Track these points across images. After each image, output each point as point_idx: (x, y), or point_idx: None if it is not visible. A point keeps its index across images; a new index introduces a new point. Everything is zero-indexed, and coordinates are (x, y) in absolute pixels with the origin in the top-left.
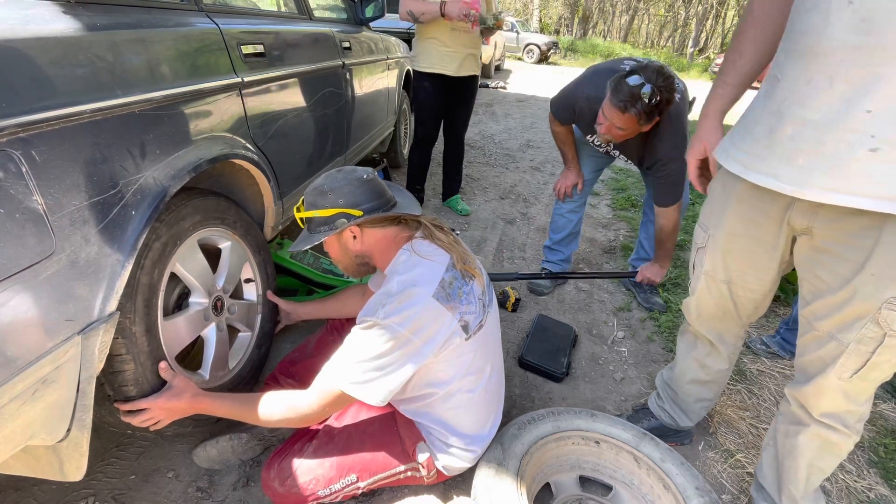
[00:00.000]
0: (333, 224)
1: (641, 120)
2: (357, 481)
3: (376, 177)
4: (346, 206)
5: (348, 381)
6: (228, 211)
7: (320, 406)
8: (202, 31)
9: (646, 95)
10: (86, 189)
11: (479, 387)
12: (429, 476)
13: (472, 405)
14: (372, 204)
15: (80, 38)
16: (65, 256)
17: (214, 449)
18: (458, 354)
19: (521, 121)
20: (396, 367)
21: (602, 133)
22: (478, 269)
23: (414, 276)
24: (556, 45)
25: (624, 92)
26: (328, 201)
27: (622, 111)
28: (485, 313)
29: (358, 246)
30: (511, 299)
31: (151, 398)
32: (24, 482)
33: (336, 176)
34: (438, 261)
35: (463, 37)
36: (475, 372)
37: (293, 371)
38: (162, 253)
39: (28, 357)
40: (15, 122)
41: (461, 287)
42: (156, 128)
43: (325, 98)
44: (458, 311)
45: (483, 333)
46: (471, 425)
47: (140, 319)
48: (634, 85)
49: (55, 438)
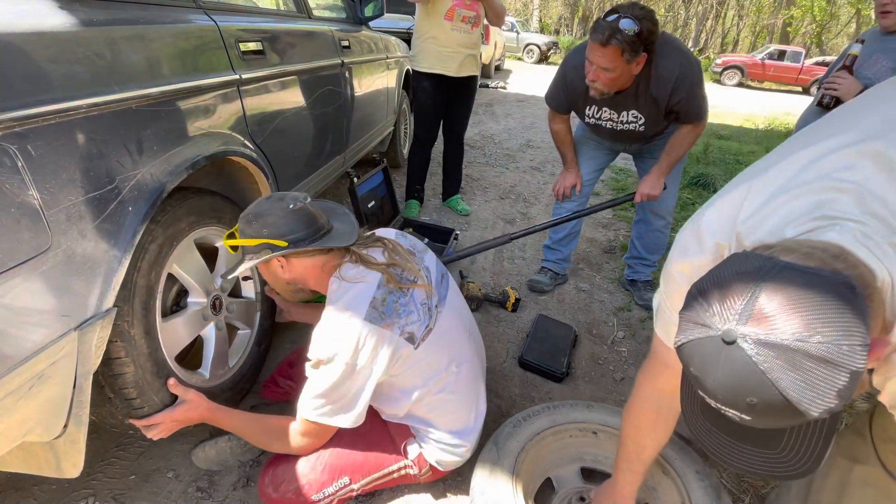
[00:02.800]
0: (257, 254)
1: (626, 52)
2: (350, 483)
3: (306, 205)
4: (271, 236)
5: (317, 414)
6: (224, 209)
7: (304, 438)
8: (200, 27)
9: (625, 28)
10: (82, 184)
11: (447, 386)
12: (422, 473)
13: (448, 403)
14: (298, 235)
15: (77, 32)
16: (61, 252)
17: (213, 450)
18: (413, 363)
19: (521, 121)
20: (354, 392)
21: (590, 80)
22: (422, 273)
23: (344, 303)
24: (556, 45)
25: (602, 27)
26: (253, 230)
27: (603, 45)
28: (431, 316)
29: (287, 275)
30: (511, 299)
31: (167, 412)
32: (24, 482)
33: (263, 203)
34: (368, 280)
35: (462, 37)
36: (437, 373)
37: (291, 373)
38: (158, 255)
39: (24, 352)
40: (10, 116)
41: (396, 300)
42: (153, 124)
43: (323, 96)
44: (397, 326)
45: (435, 336)
46: (453, 421)
47: (138, 322)
48: (612, 20)
49: (52, 435)
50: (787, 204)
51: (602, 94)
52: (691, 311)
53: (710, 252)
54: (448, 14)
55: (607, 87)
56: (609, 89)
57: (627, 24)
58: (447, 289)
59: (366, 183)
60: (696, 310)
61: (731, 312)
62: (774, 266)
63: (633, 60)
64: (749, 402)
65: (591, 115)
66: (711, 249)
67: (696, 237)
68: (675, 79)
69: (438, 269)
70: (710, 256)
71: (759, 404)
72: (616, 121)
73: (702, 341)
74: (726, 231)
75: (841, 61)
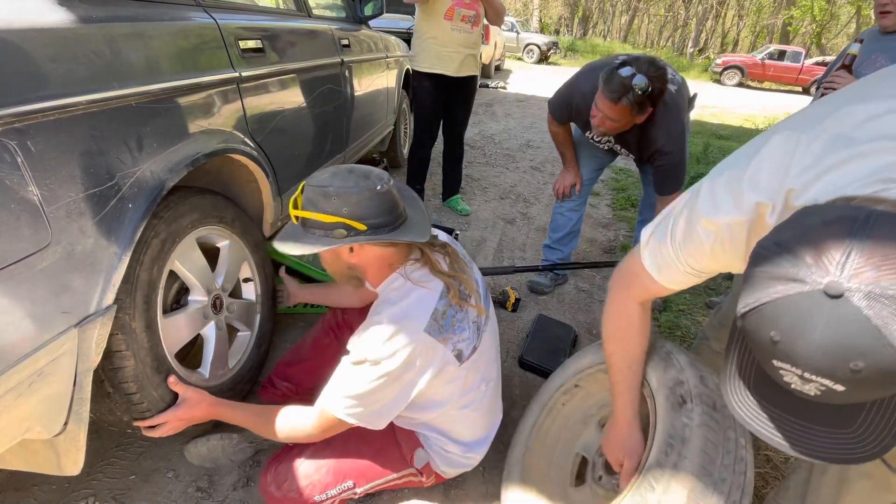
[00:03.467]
0: (331, 233)
1: (634, 110)
2: (353, 487)
3: (392, 188)
4: (350, 216)
5: (344, 412)
6: (227, 209)
7: (321, 429)
8: (199, 25)
9: (637, 86)
10: (82, 181)
11: (473, 402)
12: (427, 479)
13: (468, 417)
14: (379, 220)
15: (76, 29)
16: (61, 248)
17: (205, 447)
18: (452, 379)
19: (521, 121)
20: (390, 400)
21: (596, 125)
22: (475, 285)
23: (405, 307)
24: (556, 45)
25: (615, 83)
26: (331, 206)
27: (614, 102)
28: (479, 335)
29: (354, 259)
30: (511, 299)
31: (170, 412)
32: (24, 482)
33: (347, 178)
34: (432, 288)
35: (462, 36)
36: (470, 390)
37: (289, 374)
38: (161, 250)
39: (23, 349)
40: (10, 112)
41: (454, 315)
42: (153, 121)
43: (323, 95)
44: (451, 343)
45: (477, 354)
46: (469, 434)
47: (140, 315)
48: (626, 76)
49: (52, 432)
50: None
51: (603, 136)
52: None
53: (748, 212)
54: (448, 14)
55: (610, 133)
56: (612, 134)
57: (640, 81)
58: (489, 305)
59: None
60: (781, 265)
61: (831, 264)
62: (871, 214)
63: (640, 115)
64: (853, 366)
65: (592, 137)
66: (750, 209)
67: (731, 193)
68: (657, 149)
69: (483, 282)
70: (747, 217)
71: (865, 369)
72: (613, 146)
73: (793, 298)
74: (773, 189)
75: (840, 61)
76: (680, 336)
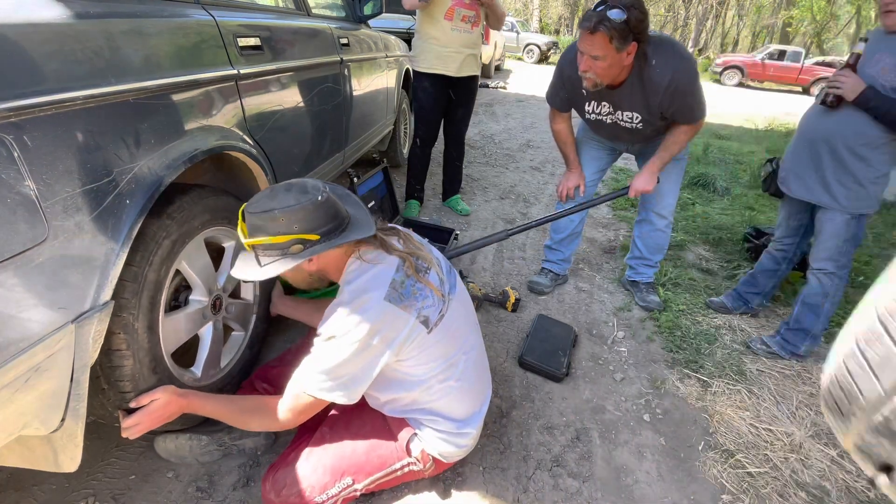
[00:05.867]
0: (287, 251)
1: (615, 41)
2: (353, 484)
3: (330, 194)
4: (302, 231)
5: (317, 389)
6: (236, 210)
7: (294, 412)
8: (198, 22)
9: (612, 16)
10: (79, 176)
11: (454, 374)
12: (427, 468)
13: (454, 391)
14: (328, 227)
15: (73, 24)
16: (57, 243)
17: (173, 444)
18: (424, 348)
19: (521, 121)
20: (360, 370)
21: (583, 71)
22: (434, 260)
23: (363, 282)
24: (556, 45)
25: (590, 16)
26: (282, 227)
27: (591, 32)
28: (445, 302)
29: (313, 267)
30: (511, 299)
31: (140, 413)
32: (24, 482)
33: (287, 197)
34: (387, 263)
35: (463, 37)
36: (446, 360)
37: (270, 376)
38: (171, 250)
39: (20, 344)
40: (7, 106)
41: (414, 284)
42: (151, 117)
43: (322, 93)
44: (414, 309)
45: (447, 321)
46: (458, 410)
47: (144, 316)
48: (600, 9)
49: (49, 428)
50: None
51: (595, 85)
52: None
53: None
54: (448, 14)
55: (600, 77)
56: (602, 79)
57: (615, 13)
58: (455, 278)
59: (366, 183)
60: None
61: None
62: None
63: (624, 49)
64: None
65: (592, 110)
66: None
67: None
68: (666, 86)
69: (445, 260)
70: None
71: None
72: (615, 116)
73: None
74: None
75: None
76: (680, 336)
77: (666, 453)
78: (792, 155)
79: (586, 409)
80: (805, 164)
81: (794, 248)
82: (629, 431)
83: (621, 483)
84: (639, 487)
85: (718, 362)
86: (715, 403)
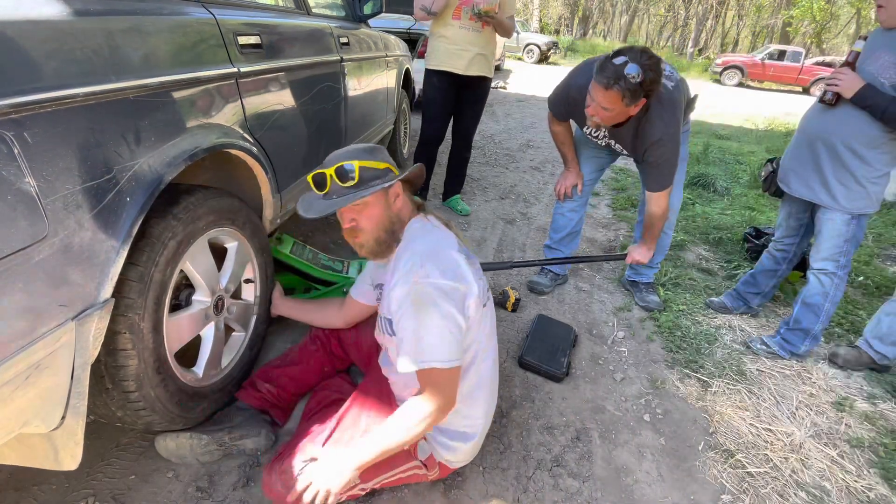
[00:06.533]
0: (386, 177)
1: (626, 98)
2: (359, 483)
3: None
4: (391, 163)
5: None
6: (240, 212)
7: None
8: (198, 20)
9: (630, 75)
10: (79, 173)
11: (477, 371)
12: (432, 472)
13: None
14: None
15: (73, 22)
16: (58, 241)
17: (174, 442)
18: (476, 321)
19: (521, 121)
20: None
21: (589, 115)
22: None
23: (433, 240)
24: (556, 45)
25: (608, 70)
26: (377, 157)
27: (605, 88)
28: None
29: (399, 204)
30: (511, 299)
31: None
32: (24, 482)
33: (363, 144)
34: (448, 234)
35: (471, 35)
36: (486, 341)
37: (272, 376)
38: (176, 251)
39: (20, 341)
40: (7, 103)
41: (468, 257)
42: (151, 115)
43: (322, 92)
44: (477, 273)
45: (488, 309)
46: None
47: (149, 316)
48: (619, 64)
49: (50, 426)
50: None
51: (598, 127)
52: None
53: None
54: (455, 13)
55: (604, 123)
56: (606, 124)
57: (633, 70)
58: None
59: None
60: None
61: None
62: None
63: (633, 104)
64: None
65: (591, 133)
66: None
67: None
68: (653, 143)
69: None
70: None
71: None
72: (610, 142)
73: None
74: None
75: None
76: (680, 336)
77: (666, 453)
78: (792, 152)
79: (586, 409)
80: (805, 161)
81: (794, 248)
82: (629, 431)
83: (621, 483)
84: (639, 487)
85: (718, 362)
86: (715, 403)
